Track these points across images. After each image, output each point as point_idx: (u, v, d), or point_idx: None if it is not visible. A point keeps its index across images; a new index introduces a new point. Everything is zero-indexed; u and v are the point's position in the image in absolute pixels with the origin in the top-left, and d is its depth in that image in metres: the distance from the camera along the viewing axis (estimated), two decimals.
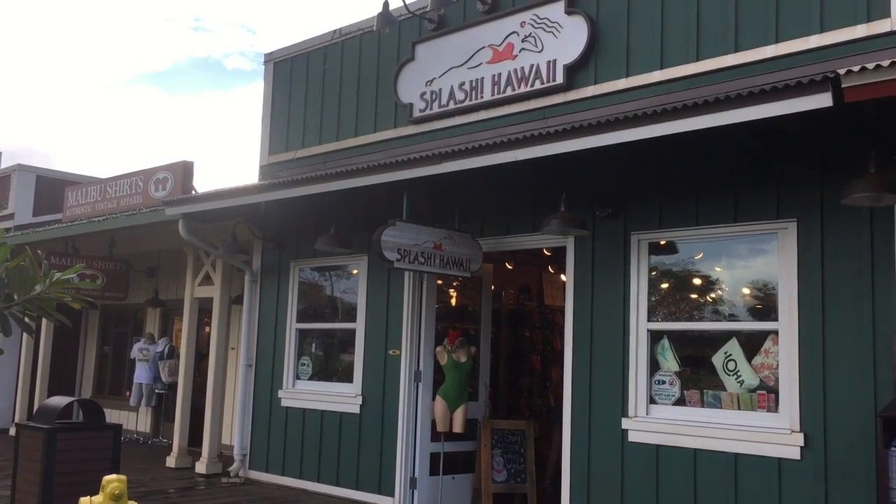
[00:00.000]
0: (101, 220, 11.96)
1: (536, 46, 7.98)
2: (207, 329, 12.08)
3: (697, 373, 6.74)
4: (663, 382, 6.82)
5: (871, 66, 4.69)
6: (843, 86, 4.79)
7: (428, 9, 8.73)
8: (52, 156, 66.30)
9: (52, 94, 64.15)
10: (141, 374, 13.00)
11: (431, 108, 8.81)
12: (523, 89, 8.03)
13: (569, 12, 7.75)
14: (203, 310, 11.60)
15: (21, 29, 62.08)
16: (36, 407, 12.30)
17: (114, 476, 5.12)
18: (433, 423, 8.48)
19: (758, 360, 6.34)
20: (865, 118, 5.49)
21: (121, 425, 8.52)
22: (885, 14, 5.94)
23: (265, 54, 11.14)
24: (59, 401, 8.09)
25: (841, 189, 5.52)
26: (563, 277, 8.41)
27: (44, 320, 9.67)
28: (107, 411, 9.60)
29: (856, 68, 4.74)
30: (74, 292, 8.26)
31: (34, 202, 16.38)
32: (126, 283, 13.55)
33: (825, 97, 4.95)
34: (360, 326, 9.21)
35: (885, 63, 4.64)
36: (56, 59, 62.92)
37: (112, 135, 63.24)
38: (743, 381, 6.38)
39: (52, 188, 16.20)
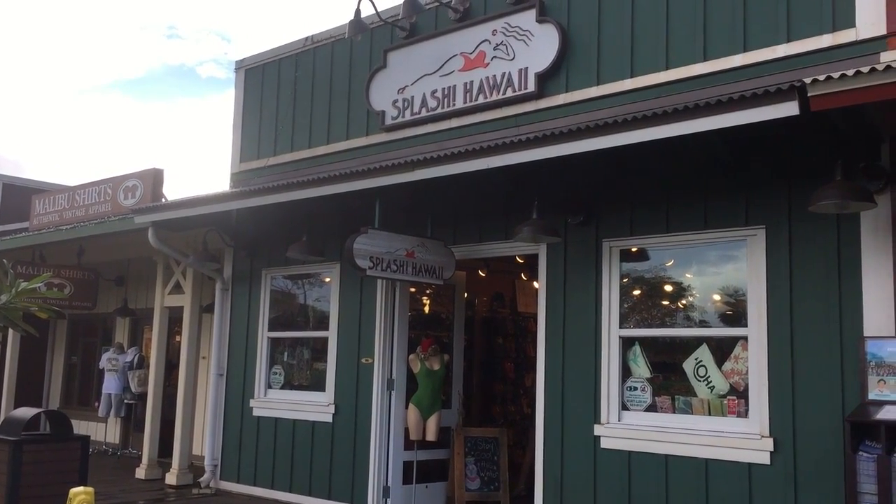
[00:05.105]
0: (69, 229, 11.81)
1: (508, 54, 8.01)
2: (178, 338, 11.95)
3: (669, 379, 6.79)
4: (635, 389, 6.86)
5: (836, 75, 4.77)
6: (809, 94, 4.86)
7: (400, 16, 8.72)
8: (21, 163, 65.36)
9: (24, 101, 63.34)
10: (110, 385, 12.82)
11: (404, 116, 8.81)
12: (495, 97, 8.06)
13: (540, 21, 7.79)
14: (173, 319, 11.47)
15: None
16: (2, 418, 12.11)
17: (81, 488, 5.07)
18: (406, 431, 8.45)
19: (728, 365, 6.40)
20: (831, 126, 5.57)
21: (89, 437, 8.42)
22: (851, 24, 6.03)
23: (236, 61, 11.08)
24: (26, 412, 7.97)
25: (808, 196, 5.60)
26: (535, 285, 8.43)
27: (10, 330, 9.52)
28: (75, 422, 9.46)
29: (821, 77, 4.82)
30: (41, 302, 8.19)
31: (0, 210, 16.14)
32: (94, 293, 13.38)
33: (792, 106, 5.01)
34: (332, 335, 9.17)
35: (850, 72, 4.71)
36: (28, 65, 62.14)
37: (83, 142, 62.58)
38: (713, 386, 6.43)
39: (18, 196, 15.97)
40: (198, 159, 59.33)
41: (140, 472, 10.87)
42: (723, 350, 6.46)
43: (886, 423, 5.20)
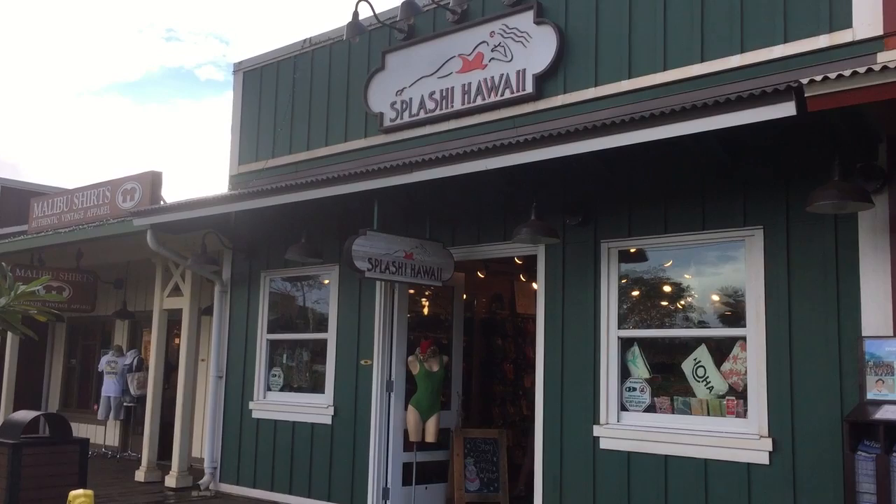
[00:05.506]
0: (68, 232, 11.80)
1: (506, 56, 8.02)
2: (177, 341, 11.95)
3: (668, 379, 6.79)
4: (634, 389, 6.86)
5: (833, 75, 4.78)
6: (806, 95, 4.87)
7: (398, 18, 8.74)
8: (19, 166, 65.32)
9: (22, 104, 63.32)
10: (109, 387, 12.81)
11: (402, 118, 8.82)
12: (493, 99, 8.06)
13: (538, 22, 7.80)
14: (172, 321, 11.48)
15: None
16: (1, 421, 12.11)
17: (80, 491, 5.07)
18: (405, 432, 8.45)
19: (727, 366, 6.40)
20: (829, 127, 5.59)
21: (88, 439, 8.42)
22: (847, 25, 6.05)
23: (234, 64, 11.09)
24: (25, 415, 7.98)
25: (806, 197, 5.61)
26: (534, 286, 8.45)
27: (9, 333, 9.52)
28: (74, 425, 9.47)
29: (818, 78, 4.83)
30: (40, 305, 8.19)
31: None
32: (93, 295, 13.37)
33: (789, 106, 5.03)
34: (331, 337, 9.17)
35: (847, 73, 4.73)
36: (27, 68, 62.15)
37: (81, 145, 62.56)
38: (712, 387, 6.44)
39: (17, 199, 15.97)
40: (196, 162, 59.33)
41: (139, 475, 10.86)
42: (721, 350, 6.47)
43: (885, 422, 5.21)
